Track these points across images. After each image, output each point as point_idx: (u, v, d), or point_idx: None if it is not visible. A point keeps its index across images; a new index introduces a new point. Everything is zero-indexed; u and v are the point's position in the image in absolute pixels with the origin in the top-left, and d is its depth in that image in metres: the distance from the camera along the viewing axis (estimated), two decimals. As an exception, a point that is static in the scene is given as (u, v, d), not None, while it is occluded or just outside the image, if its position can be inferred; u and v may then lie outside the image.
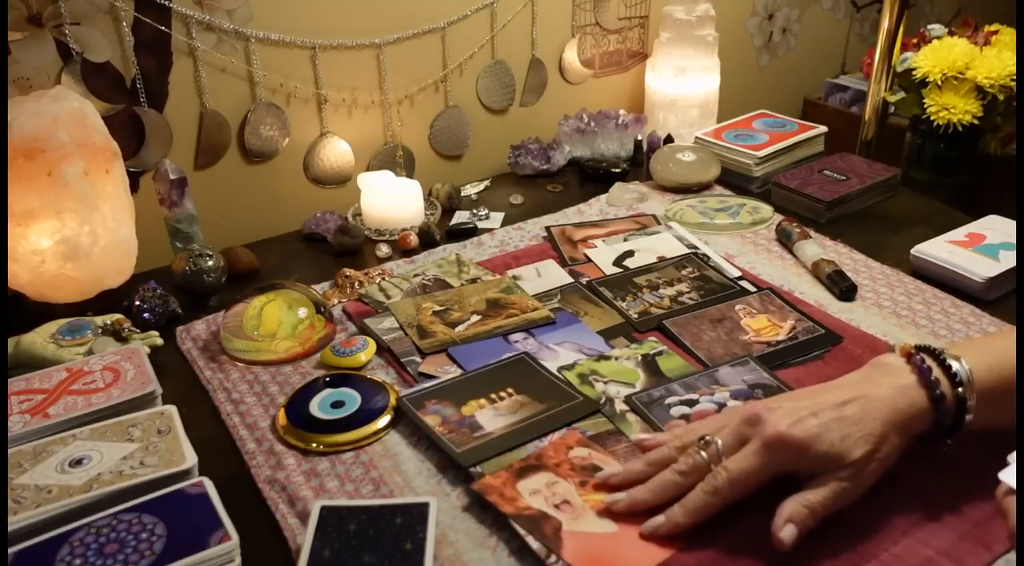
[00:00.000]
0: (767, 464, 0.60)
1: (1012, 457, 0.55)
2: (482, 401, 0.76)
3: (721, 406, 0.73)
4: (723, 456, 0.61)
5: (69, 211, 0.87)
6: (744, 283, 0.97)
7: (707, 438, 0.63)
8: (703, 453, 0.62)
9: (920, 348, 0.65)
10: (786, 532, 0.58)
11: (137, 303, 0.92)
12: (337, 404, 0.77)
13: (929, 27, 1.38)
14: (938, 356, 0.64)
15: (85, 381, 0.76)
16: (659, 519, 0.61)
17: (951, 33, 1.34)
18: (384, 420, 0.75)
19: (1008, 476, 0.53)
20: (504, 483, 0.67)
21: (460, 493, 0.67)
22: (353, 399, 0.77)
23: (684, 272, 0.99)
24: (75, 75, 0.99)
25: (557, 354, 0.84)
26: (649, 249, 1.04)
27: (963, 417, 0.62)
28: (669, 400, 0.74)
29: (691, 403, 0.74)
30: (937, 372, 0.63)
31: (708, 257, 1.02)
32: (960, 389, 0.62)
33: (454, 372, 0.82)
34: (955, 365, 0.63)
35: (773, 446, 0.60)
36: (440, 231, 1.11)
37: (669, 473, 0.63)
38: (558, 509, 0.64)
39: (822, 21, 1.72)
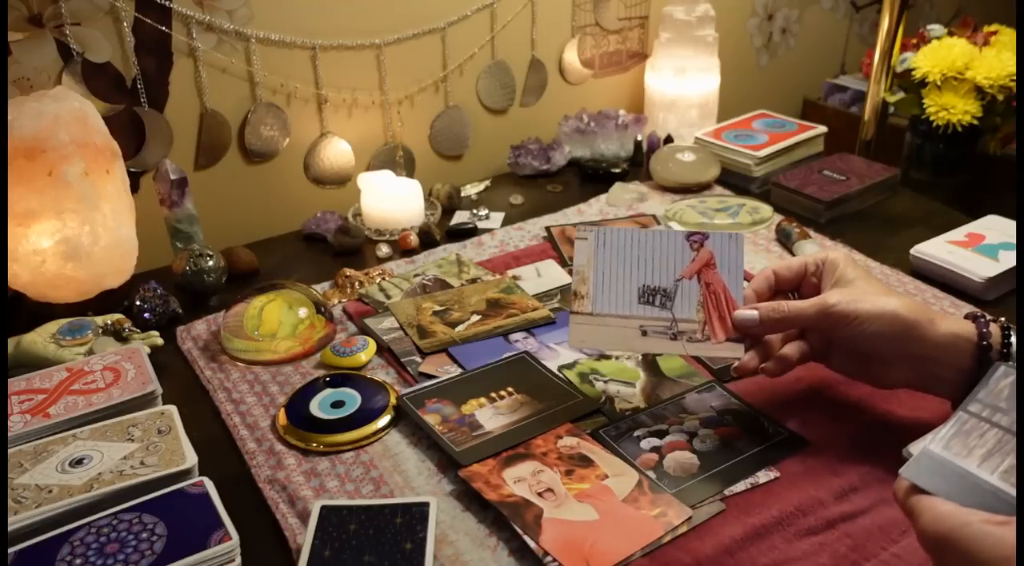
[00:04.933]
0: None
1: (911, 449, 0.49)
2: (482, 400, 0.76)
3: (691, 435, 0.71)
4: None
5: (70, 211, 0.88)
6: (744, 283, 0.96)
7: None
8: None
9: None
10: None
11: (137, 303, 0.92)
12: (337, 404, 0.77)
13: (929, 27, 1.38)
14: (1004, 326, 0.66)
15: (85, 381, 0.77)
16: None
17: (951, 33, 1.34)
18: (384, 420, 0.75)
19: (909, 472, 0.47)
20: (490, 471, 0.67)
21: (460, 493, 0.67)
22: (353, 399, 0.77)
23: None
24: (76, 75, 1.00)
25: (557, 353, 0.84)
26: (649, 249, 1.04)
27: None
28: (638, 432, 0.72)
29: (661, 434, 0.72)
30: (994, 328, 0.65)
31: (708, 257, 1.02)
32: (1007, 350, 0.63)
33: (454, 372, 0.82)
34: (1014, 335, 0.64)
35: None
36: (440, 231, 1.11)
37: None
38: (541, 497, 0.64)
39: (822, 21, 1.72)
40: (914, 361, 0.66)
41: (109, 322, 0.88)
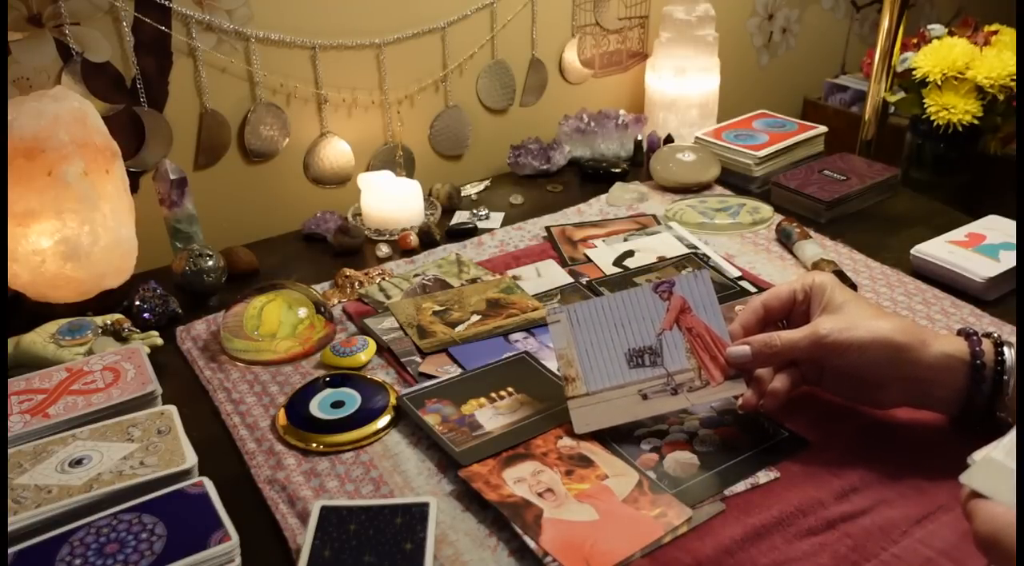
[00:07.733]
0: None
1: (975, 456, 0.53)
2: (482, 400, 0.76)
3: (691, 435, 0.71)
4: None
5: (69, 211, 0.88)
6: (744, 283, 0.97)
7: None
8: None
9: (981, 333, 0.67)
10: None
11: (137, 303, 0.92)
12: (337, 404, 0.77)
13: (929, 27, 1.38)
14: (995, 340, 0.66)
15: (85, 381, 0.76)
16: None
17: (951, 33, 1.34)
18: (384, 420, 0.75)
19: (968, 478, 0.49)
20: (490, 471, 0.67)
21: (460, 493, 0.67)
22: (353, 399, 0.77)
23: (684, 272, 0.99)
24: (75, 75, 1.00)
25: (557, 354, 0.84)
26: (649, 249, 1.04)
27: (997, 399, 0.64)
28: (638, 432, 0.72)
29: (661, 434, 0.71)
30: (987, 344, 0.65)
31: (708, 257, 1.02)
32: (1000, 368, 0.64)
33: (454, 372, 0.82)
34: (1007, 351, 0.65)
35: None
36: (440, 231, 1.11)
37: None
38: (541, 497, 0.64)
39: (822, 21, 1.72)
40: (908, 383, 0.66)
41: (109, 322, 0.88)
